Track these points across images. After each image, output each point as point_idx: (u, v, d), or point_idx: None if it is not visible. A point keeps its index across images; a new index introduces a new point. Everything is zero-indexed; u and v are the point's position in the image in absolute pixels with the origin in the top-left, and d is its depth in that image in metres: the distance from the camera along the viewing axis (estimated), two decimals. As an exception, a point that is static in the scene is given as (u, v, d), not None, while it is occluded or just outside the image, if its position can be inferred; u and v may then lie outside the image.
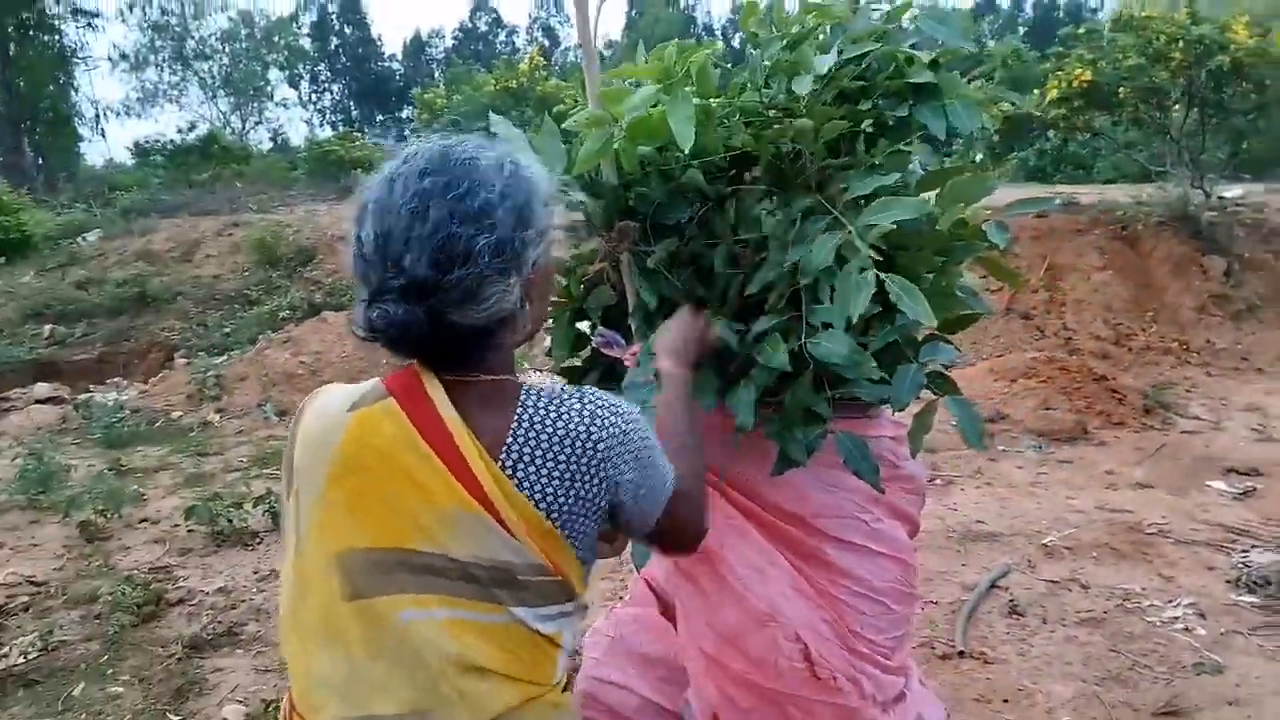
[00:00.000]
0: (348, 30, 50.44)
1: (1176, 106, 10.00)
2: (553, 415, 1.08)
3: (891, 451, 1.94)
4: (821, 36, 1.80)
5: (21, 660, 3.54)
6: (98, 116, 33.95)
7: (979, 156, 10.18)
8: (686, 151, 1.60)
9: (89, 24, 28.72)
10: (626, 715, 1.86)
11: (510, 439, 1.07)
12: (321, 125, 48.79)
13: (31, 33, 24.48)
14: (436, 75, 40.52)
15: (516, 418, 1.08)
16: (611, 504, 1.11)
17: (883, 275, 1.56)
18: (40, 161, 22.67)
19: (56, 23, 25.84)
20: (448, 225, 1.02)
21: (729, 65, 1.92)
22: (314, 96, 50.29)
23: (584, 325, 1.99)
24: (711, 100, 1.77)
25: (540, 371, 6.90)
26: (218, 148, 24.79)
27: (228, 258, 11.40)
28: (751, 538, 1.73)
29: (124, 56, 36.17)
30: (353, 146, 18.87)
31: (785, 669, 1.67)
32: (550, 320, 1.96)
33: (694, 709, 1.79)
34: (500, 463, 1.06)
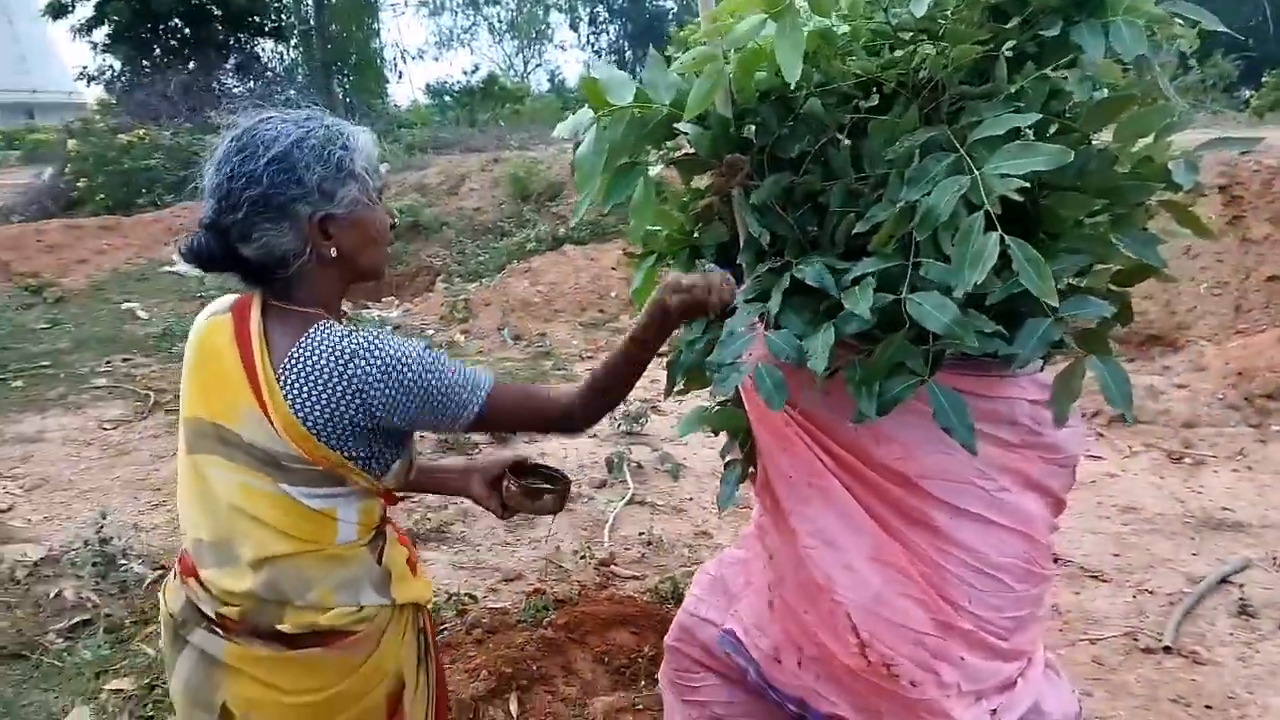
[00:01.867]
0: (626, -29, 51.32)
1: None
2: (324, 346, 1.34)
3: (1031, 416, 1.74)
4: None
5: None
6: (396, 60, 37.11)
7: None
8: (792, 84, 1.50)
9: (392, -29, 31.32)
10: (716, 654, 1.85)
11: (288, 358, 1.34)
12: (595, 65, 50.35)
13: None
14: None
15: (299, 343, 1.35)
16: (379, 424, 1.36)
17: (1007, 240, 1.39)
18: (350, 102, 25.15)
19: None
20: (227, 182, 1.33)
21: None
22: (591, 38, 51.92)
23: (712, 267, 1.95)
24: (834, 23, 1.64)
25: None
26: (497, 89, 26.44)
27: (488, 191, 12.18)
28: (833, 499, 1.63)
29: (423, 3, 39.17)
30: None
31: (838, 645, 1.59)
32: (670, 258, 1.94)
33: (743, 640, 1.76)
34: (277, 374, 1.34)
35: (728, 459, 1.84)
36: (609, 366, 1.53)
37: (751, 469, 1.80)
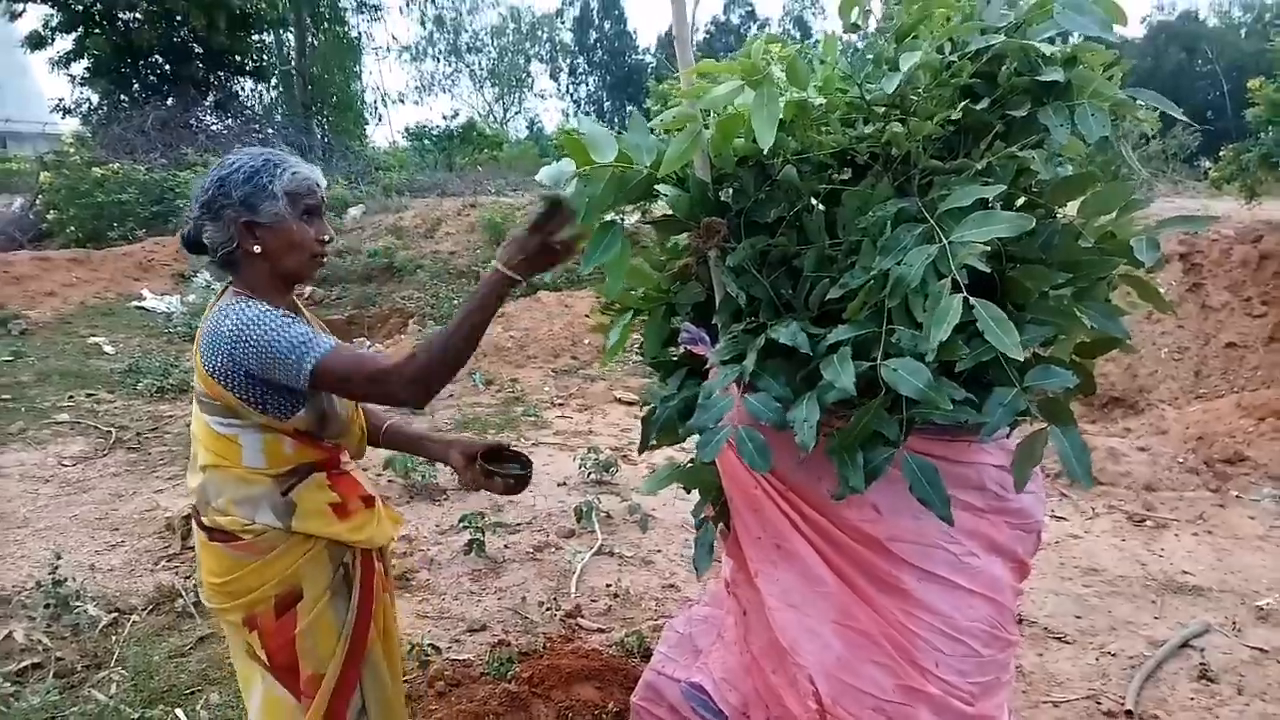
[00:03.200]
0: (606, 25, 52.29)
1: None
2: (220, 309, 1.73)
3: (998, 482, 1.78)
4: (940, 26, 1.67)
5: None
6: (377, 103, 37.29)
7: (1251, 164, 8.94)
8: (766, 151, 1.54)
9: (372, 17, 31.68)
10: (684, 714, 1.83)
11: (205, 318, 1.78)
12: (576, 115, 51.00)
13: (326, 24, 27.32)
14: (685, 67, 40.98)
15: (213, 307, 1.78)
16: (248, 374, 1.69)
17: (973, 300, 1.44)
18: (328, 143, 25.21)
19: (345, 14, 28.64)
20: (198, 192, 1.78)
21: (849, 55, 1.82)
22: (571, 88, 52.64)
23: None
24: (811, 95, 1.69)
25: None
26: (476, 134, 26.67)
27: (464, 236, 12.23)
28: (800, 561, 1.64)
29: (405, 49, 39.61)
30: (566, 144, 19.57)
31: (799, 707, 1.59)
32: (645, 315, 1.96)
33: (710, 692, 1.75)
34: (200, 332, 1.77)
35: (700, 518, 1.84)
36: (449, 337, 1.68)
37: (722, 525, 1.81)
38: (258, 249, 1.76)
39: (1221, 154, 9.27)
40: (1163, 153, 14.04)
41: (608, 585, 4.00)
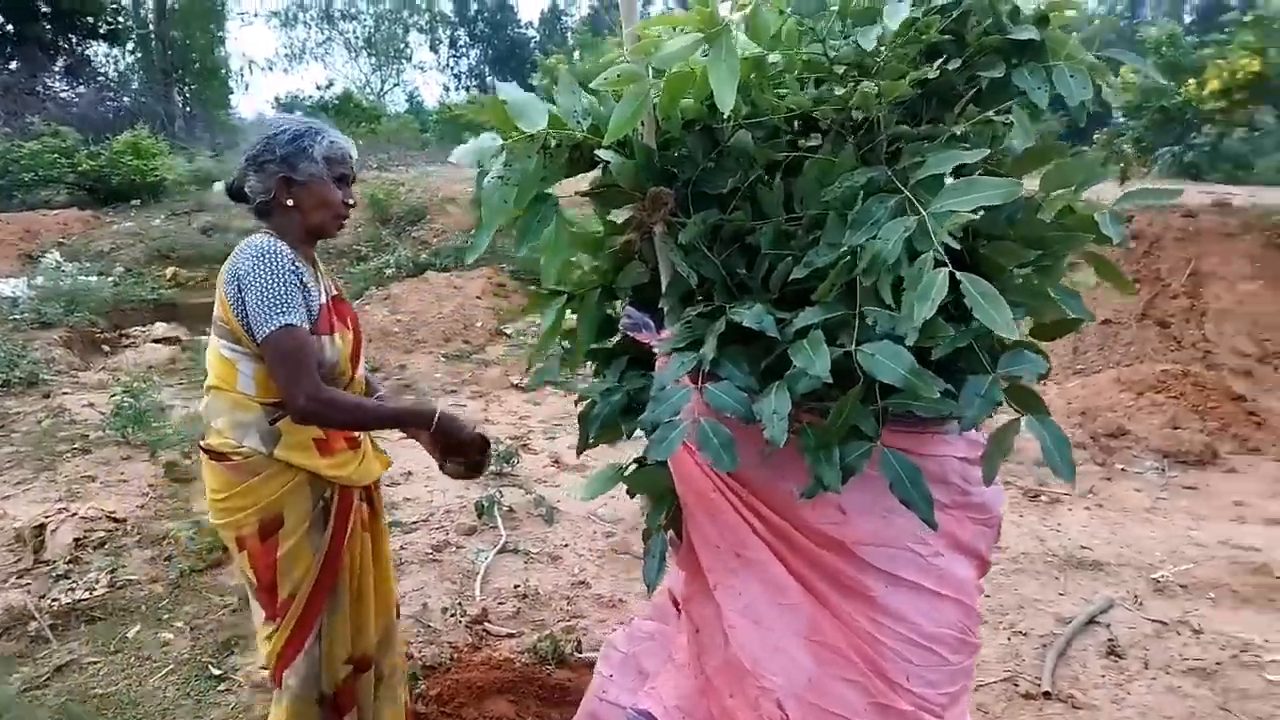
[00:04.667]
0: (487, -3, 50.98)
1: (1359, 103, 8.95)
2: (244, 243, 1.95)
3: (961, 475, 1.66)
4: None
5: (87, 595, 3.61)
6: (243, 71, 35.26)
7: (1126, 147, 9.37)
8: (727, 114, 1.36)
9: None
10: (629, 743, 1.66)
11: (231, 254, 1.97)
12: (457, 89, 49.69)
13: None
14: (571, 41, 40.42)
15: (242, 244, 1.97)
16: (241, 294, 1.88)
17: (959, 275, 1.30)
18: (191, 112, 23.73)
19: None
20: (246, 148, 2.03)
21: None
22: (451, 61, 51.15)
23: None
24: (769, 52, 1.51)
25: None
26: (353, 106, 25.59)
27: (344, 213, 11.66)
28: (763, 571, 1.48)
29: (274, 13, 37.63)
30: (481, 110, 19.01)
31: None
32: (579, 301, 1.76)
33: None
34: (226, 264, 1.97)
35: (658, 525, 1.65)
36: (358, 415, 2.00)
37: (672, 533, 1.63)
38: (290, 202, 1.99)
39: (1096, 138, 9.67)
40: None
41: (515, 585, 3.78)
